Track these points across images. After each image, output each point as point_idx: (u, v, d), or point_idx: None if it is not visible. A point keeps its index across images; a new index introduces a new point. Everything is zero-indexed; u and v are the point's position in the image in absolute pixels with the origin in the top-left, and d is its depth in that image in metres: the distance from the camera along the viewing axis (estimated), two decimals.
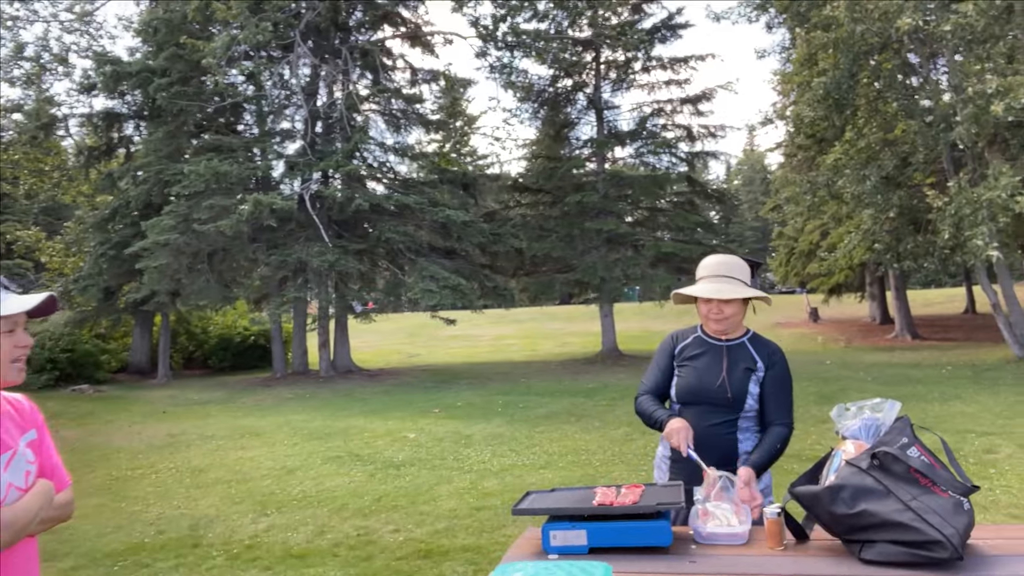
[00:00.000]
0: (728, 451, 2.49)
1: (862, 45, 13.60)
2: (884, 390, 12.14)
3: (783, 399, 2.56)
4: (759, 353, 2.57)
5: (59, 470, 1.69)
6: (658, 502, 2.02)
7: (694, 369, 2.56)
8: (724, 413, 2.51)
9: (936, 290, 44.35)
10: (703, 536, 2.03)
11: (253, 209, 14.78)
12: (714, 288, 2.52)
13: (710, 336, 2.62)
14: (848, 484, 1.86)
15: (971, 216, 11.94)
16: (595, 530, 2.00)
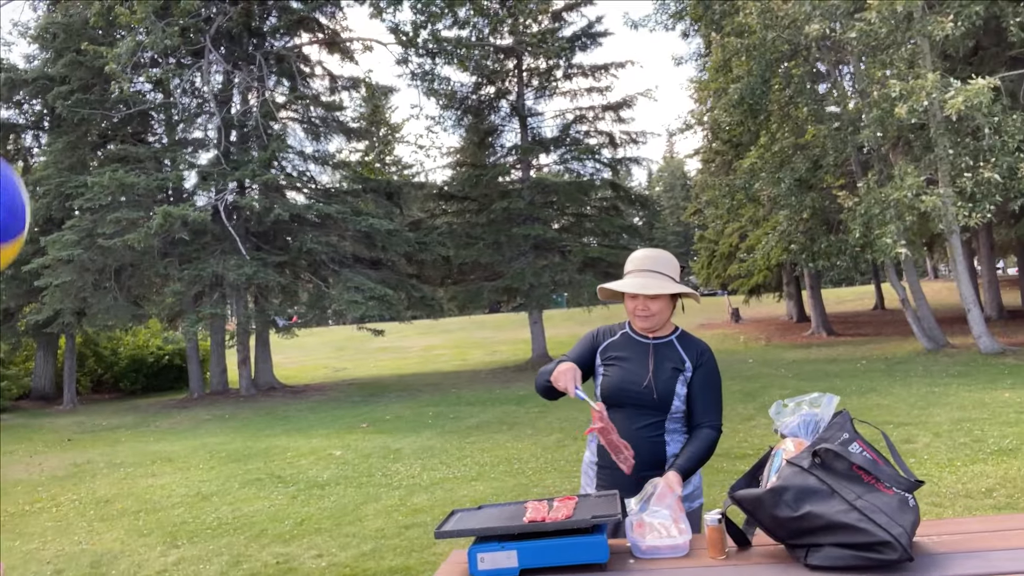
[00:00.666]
0: (656, 455, 2.37)
1: (773, 52, 14.04)
2: (804, 385, 12.49)
3: (711, 400, 2.45)
4: (687, 352, 2.46)
5: None
6: (593, 515, 1.87)
7: (620, 368, 2.43)
8: (651, 415, 2.38)
9: (847, 288, 46.45)
10: (643, 550, 1.88)
11: (163, 221, 14.05)
12: (640, 283, 2.39)
13: (637, 334, 2.49)
14: (791, 485, 1.75)
15: (880, 215, 12.43)
16: (526, 550, 1.83)
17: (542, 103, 21.78)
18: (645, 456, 2.33)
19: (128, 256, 15.18)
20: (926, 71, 12.30)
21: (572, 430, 9.56)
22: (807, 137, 16.25)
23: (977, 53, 14.39)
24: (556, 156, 20.99)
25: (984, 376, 11.57)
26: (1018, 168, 11.53)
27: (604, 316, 27.94)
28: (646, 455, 2.34)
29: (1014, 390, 9.92)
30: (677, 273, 2.45)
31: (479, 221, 20.01)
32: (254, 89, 17.17)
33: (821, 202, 15.23)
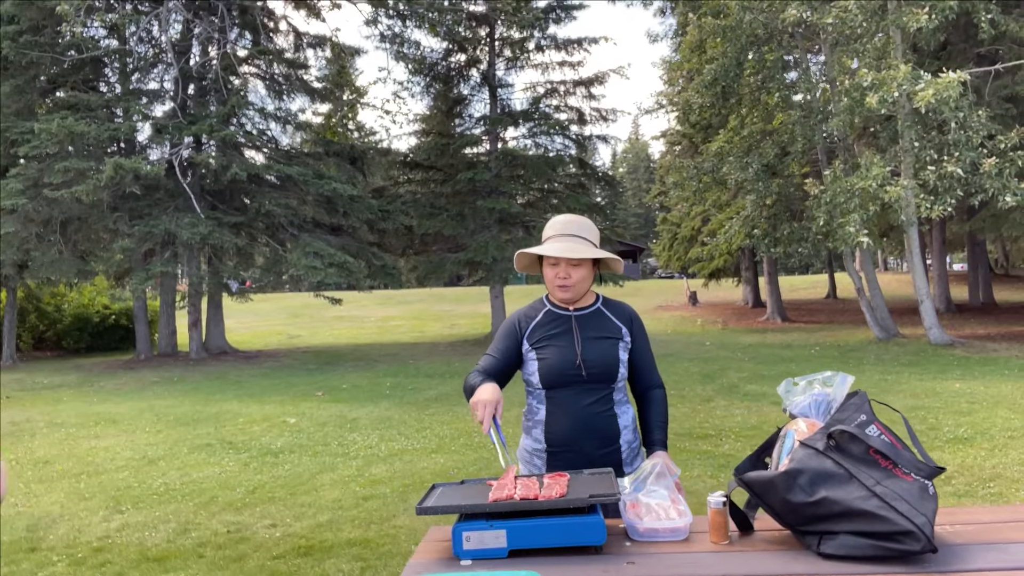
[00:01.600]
0: (609, 431, 2.24)
1: (749, 35, 13.98)
2: (761, 368, 12.64)
3: (651, 360, 2.38)
4: (619, 318, 2.32)
5: None
6: (591, 494, 1.72)
7: (553, 348, 2.24)
8: (596, 390, 2.23)
9: (801, 276, 47.37)
10: (640, 532, 1.75)
11: (114, 174, 13.43)
12: (563, 247, 2.21)
13: (558, 307, 2.32)
14: (806, 468, 1.63)
15: (844, 204, 12.55)
16: (516, 529, 1.68)
17: (513, 74, 21.54)
18: (600, 433, 2.21)
19: (75, 208, 14.51)
20: (897, 62, 12.38)
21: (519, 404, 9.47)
22: (775, 123, 16.31)
23: (946, 48, 14.57)
24: (525, 129, 20.69)
25: (934, 366, 11.85)
26: (980, 164, 11.73)
27: None
28: (601, 432, 2.22)
29: (964, 380, 10.16)
30: (597, 238, 2.31)
31: (444, 191, 19.67)
32: (215, 41, 16.45)
33: (786, 188, 15.34)
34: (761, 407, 8.72)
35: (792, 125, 14.83)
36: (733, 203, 18.12)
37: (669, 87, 24.27)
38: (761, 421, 7.78)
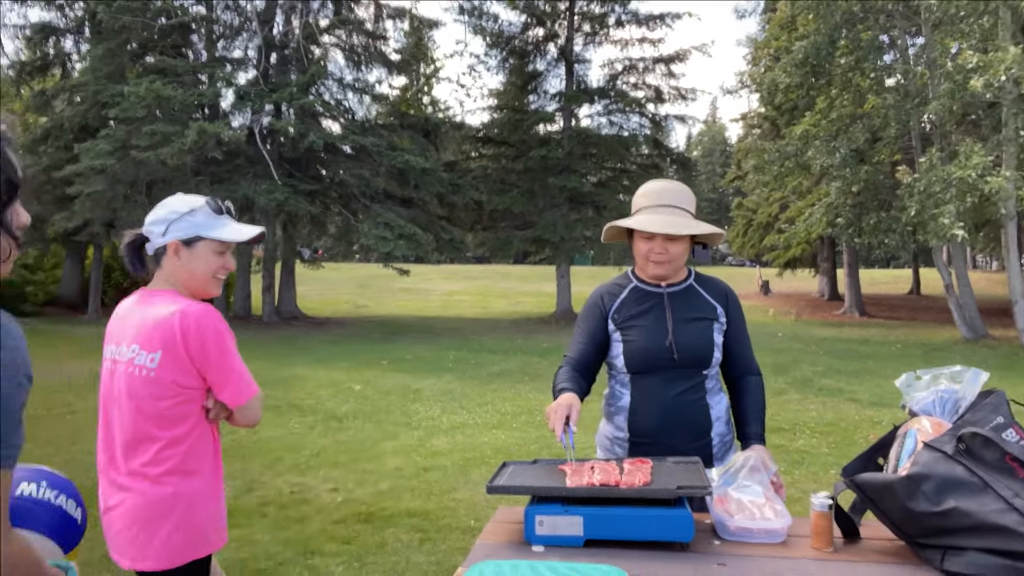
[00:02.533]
0: (701, 422, 2.03)
1: (845, 12, 13.24)
2: (837, 363, 12.11)
3: (748, 343, 2.15)
4: (714, 296, 2.10)
5: None
6: (679, 485, 1.56)
7: (640, 329, 2.03)
8: (687, 376, 2.02)
9: (882, 270, 45.41)
10: (731, 531, 1.58)
11: (198, 138, 13.78)
12: (664, 220, 1.98)
13: (649, 284, 2.11)
14: (932, 474, 1.43)
15: (939, 194, 11.81)
16: (595, 517, 1.54)
17: (590, 50, 20.99)
18: (691, 424, 2.01)
19: (160, 171, 14.98)
20: (1006, 45, 11.51)
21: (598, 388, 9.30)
22: (867, 107, 15.48)
23: None
24: (600, 107, 20.30)
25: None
26: None
27: None
28: (691, 422, 2.02)
29: None
30: (695, 208, 2.08)
31: (515, 168, 19.50)
32: (298, 10, 16.65)
33: (875, 176, 14.54)
34: (837, 403, 8.32)
35: (885, 109, 14.02)
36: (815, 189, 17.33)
37: (753, 66, 23.37)
38: (838, 418, 7.41)
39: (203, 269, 1.81)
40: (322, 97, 17.37)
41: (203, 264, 1.81)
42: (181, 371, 1.72)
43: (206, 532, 1.77)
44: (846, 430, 6.81)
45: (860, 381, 10.10)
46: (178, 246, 1.80)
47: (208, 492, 1.79)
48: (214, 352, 1.73)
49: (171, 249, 1.80)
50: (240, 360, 1.79)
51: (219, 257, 1.83)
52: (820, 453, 5.87)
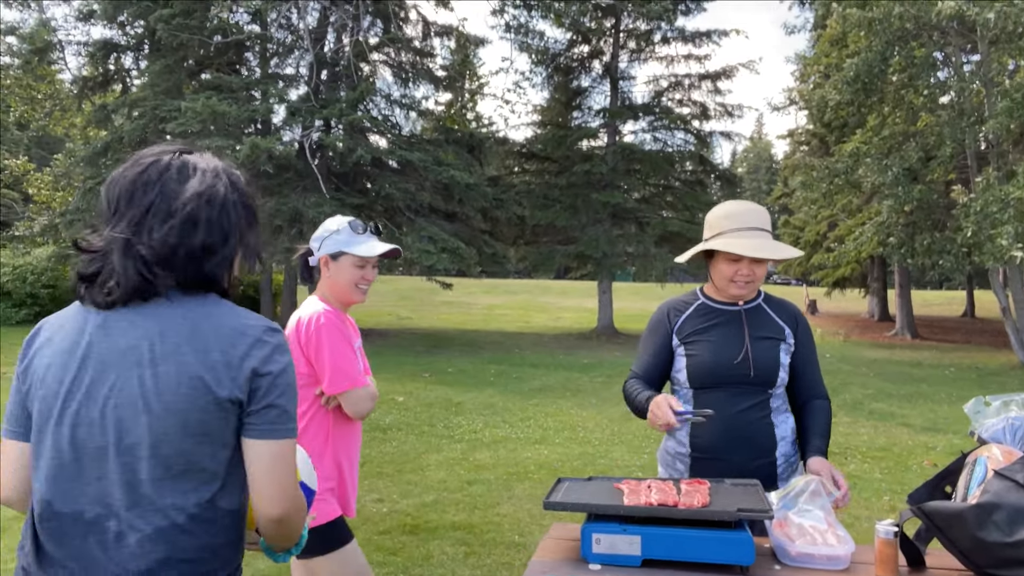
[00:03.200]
0: (765, 440, 2.02)
1: (898, 29, 13.00)
2: (888, 386, 11.80)
3: (816, 366, 2.15)
4: (782, 317, 2.10)
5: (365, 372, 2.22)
6: (739, 507, 1.55)
7: (707, 344, 2.06)
8: (752, 393, 2.02)
9: (934, 292, 44.15)
10: (792, 556, 1.56)
11: (250, 152, 14.14)
12: (753, 245, 1.99)
13: (719, 301, 2.12)
14: (1004, 503, 1.40)
15: (997, 214, 11.46)
16: (653, 537, 1.54)
17: (636, 67, 21.13)
18: (754, 442, 2.01)
19: None
20: None
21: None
22: (920, 125, 15.13)
23: None
24: (644, 123, 20.24)
25: None
26: None
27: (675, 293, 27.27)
28: (755, 440, 2.01)
29: None
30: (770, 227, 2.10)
31: (558, 183, 19.54)
32: (348, 28, 17.01)
33: (929, 195, 14.18)
34: (889, 427, 8.10)
35: (939, 127, 13.69)
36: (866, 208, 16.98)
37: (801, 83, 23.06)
38: (890, 443, 7.22)
39: (345, 279, 2.14)
40: (370, 113, 17.68)
41: (345, 275, 2.14)
42: (297, 360, 2.03)
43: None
44: (899, 455, 6.63)
45: (913, 405, 9.82)
46: (327, 260, 2.17)
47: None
48: (315, 346, 2.04)
49: (322, 262, 2.18)
50: (341, 356, 2.04)
51: (359, 270, 2.15)
52: (873, 479, 5.72)
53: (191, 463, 1.17)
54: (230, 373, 1.18)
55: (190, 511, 1.17)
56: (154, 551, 1.15)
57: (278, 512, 1.21)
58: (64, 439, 1.18)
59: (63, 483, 1.18)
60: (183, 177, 1.29)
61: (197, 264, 1.24)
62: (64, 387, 1.19)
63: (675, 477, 2.06)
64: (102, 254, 1.23)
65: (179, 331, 1.19)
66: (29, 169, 21.21)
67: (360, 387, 2.06)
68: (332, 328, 2.06)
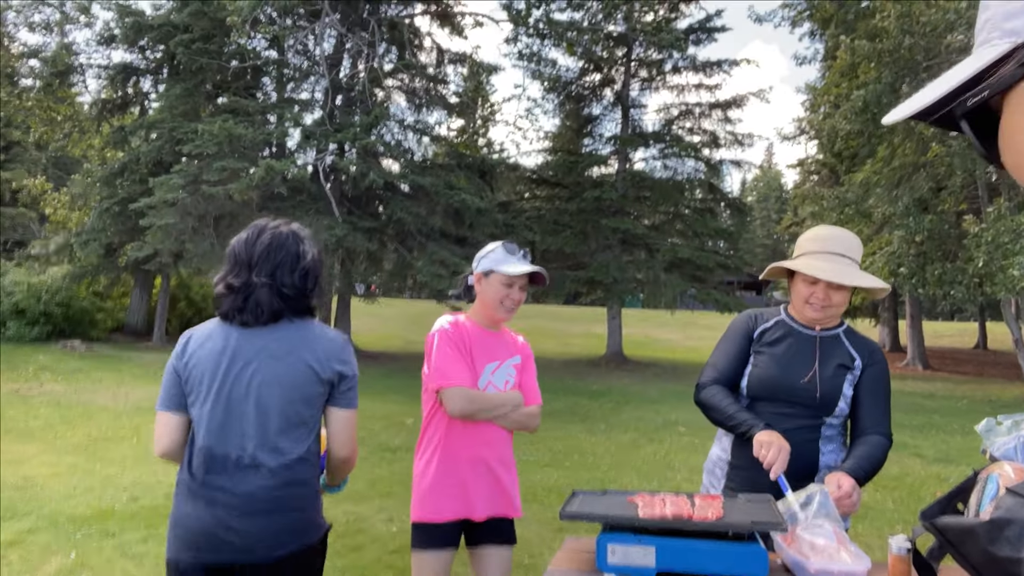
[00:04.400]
0: (807, 462, 2.04)
1: (908, 59, 13.12)
2: (900, 417, 11.68)
3: (883, 404, 2.12)
4: (857, 349, 2.12)
5: (533, 391, 2.37)
6: (753, 520, 1.57)
7: (775, 358, 2.08)
8: (807, 415, 2.05)
9: (946, 323, 43.87)
10: (810, 573, 1.58)
11: (265, 174, 14.33)
12: (829, 268, 2.02)
13: (799, 323, 2.14)
14: (1016, 519, 1.41)
15: (1009, 245, 11.45)
16: (668, 548, 1.56)
17: (647, 95, 21.23)
18: (796, 463, 1.99)
19: (228, 205, 15.58)
20: None
21: (648, 430, 9.20)
22: (930, 155, 15.19)
23: None
24: (655, 151, 20.39)
25: None
26: None
27: (683, 321, 27.19)
28: (797, 461, 1.99)
29: None
30: (860, 258, 2.11)
31: (568, 208, 19.66)
32: (364, 55, 17.31)
33: (940, 226, 14.19)
34: (902, 458, 8.04)
35: (950, 157, 13.74)
36: (876, 238, 16.98)
37: (812, 113, 23.21)
38: (903, 473, 7.17)
39: (492, 296, 2.27)
40: (383, 138, 17.91)
41: (493, 292, 2.27)
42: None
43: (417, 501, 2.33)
44: (911, 486, 6.58)
45: (925, 436, 9.74)
46: (479, 277, 2.32)
47: (422, 469, 2.32)
48: (428, 350, 2.28)
49: (475, 280, 2.33)
50: (447, 357, 2.23)
51: (506, 288, 2.27)
52: (886, 508, 5.68)
53: (302, 419, 1.87)
54: (328, 364, 1.89)
55: (300, 452, 1.86)
56: (276, 478, 1.82)
57: (346, 453, 1.99)
58: (220, 406, 1.84)
59: (218, 434, 1.83)
60: (297, 242, 1.99)
61: (307, 300, 1.95)
62: (220, 373, 1.85)
63: (714, 484, 2.10)
64: (245, 291, 1.91)
65: (295, 339, 1.89)
66: (47, 189, 21.49)
67: (447, 385, 2.19)
68: (444, 335, 2.26)
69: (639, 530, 1.59)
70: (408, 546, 4.21)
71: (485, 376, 2.26)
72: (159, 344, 18.36)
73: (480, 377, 2.25)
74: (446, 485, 2.25)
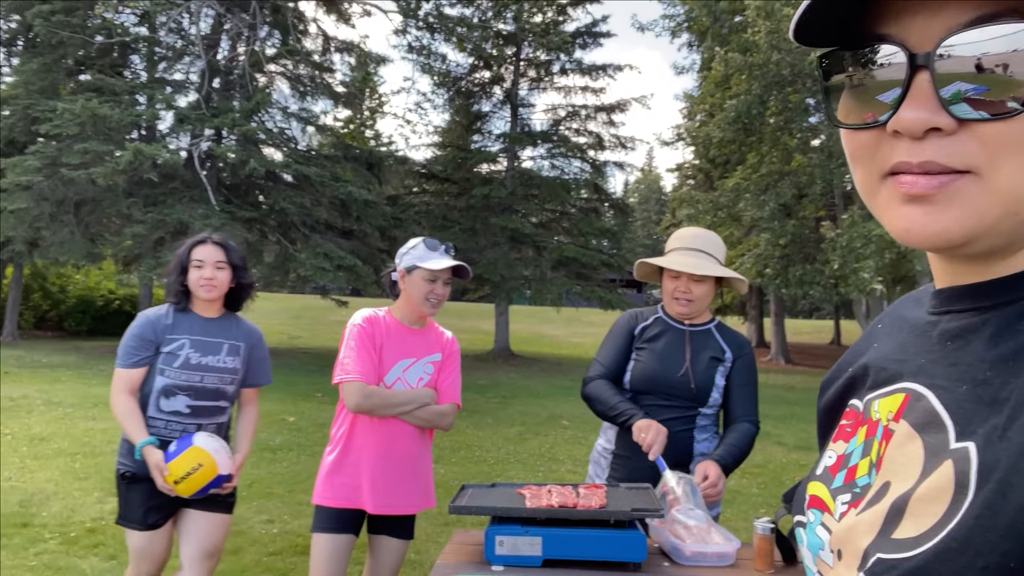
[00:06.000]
0: (682, 450, 2.17)
1: (775, 75, 14.03)
2: (764, 408, 12.38)
3: (751, 394, 2.29)
4: (727, 342, 2.27)
5: (450, 390, 2.39)
6: (633, 508, 1.65)
7: (654, 353, 2.21)
8: (683, 407, 2.18)
9: (805, 320, 47.25)
10: (686, 556, 1.67)
11: (133, 159, 13.43)
12: (688, 262, 2.17)
13: (672, 319, 2.27)
14: None
15: (860, 250, 12.51)
16: (553, 537, 1.61)
17: (535, 95, 21.53)
18: (671, 451, 2.13)
19: (90, 191, 14.50)
20: None
21: (534, 424, 9.37)
22: (794, 164, 16.33)
23: None
24: (543, 150, 20.76)
25: None
26: None
27: (568, 318, 27.86)
28: (671, 449, 2.13)
29: None
30: (724, 256, 2.26)
31: (457, 205, 19.67)
32: (244, 37, 16.56)
33: (801, 230, 15.30)
34: (766, 446, 8.60)
35: (811, 168, 14.84)
36: (746, 240, 18.09)
37: (689, 120, 24.38)
38: (766, 460, 7.67)
39: (416, 292, 2.28)
40: (265, 125, 17.21)
41: (416, 289, 2.28)
42: None
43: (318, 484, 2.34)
44: (775, 471, 7.06)
45: (787, 426, 10.47)
46: (403, 274, 2.33)
47: (326, 456, 2.35)
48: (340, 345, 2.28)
49: (399, 276, 2.34)
50: (350, 352, 2.22)
51: (429, 284, 2.28)
52: (750, 493, 6.07)
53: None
54: None
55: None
56: None
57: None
58: None
59: None
60: None
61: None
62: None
63: (599, 473, 2.19)
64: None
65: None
66: None
67: (346, 380, 2.18)
68: (353, 330, 2.25)
69: (526, 521, 1.64)
70: (289, 548, 4.11)
71: (395, 373, 2.27)
72: (10, 339, 16.84)
73: (388, 373, 2.25)
74: (344, 475, 2.26)
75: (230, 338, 2.59)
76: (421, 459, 2.33)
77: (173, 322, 2.54)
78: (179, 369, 2.49)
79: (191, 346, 2.51)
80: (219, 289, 2.56)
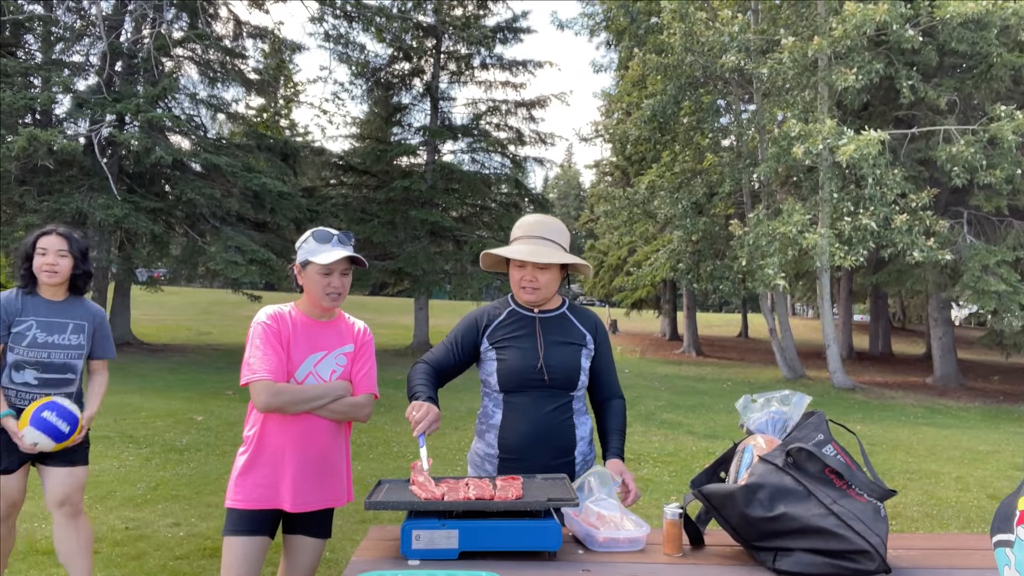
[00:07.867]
0: (566, 441, 2.19)
1: (689, 76, 14.45)
2: (676, 399, 12.93)
3: (614, 370, 2.36)
4: (584, 324, 2.29)
5: (365, 380, 2.29)
6: (548, 498, 1.67)
7: (515, 350, 2.18)
8: (556, 396, 2.18)
9: (716, 314, 49.00)
10: (599, 542, 1.70)
11: (27, 145, 12.60)
12: (530, 250, 2.15)
13: (523, 308, 2.28)
14: (766, 483, 1.63)
15: (765, 247, 13.05)
16: (469, 530, 1.61)
17: (455, 89, 21.45)
18: (556, 443, 2.17)
19: None
20: (823, 117, 13.05)
21: (453, 419, 9.35)
22: (705, 164, 16.89)
23: (868, 108, 15.47)
24: (464, 144, 20.70)
25: (837, 408, 12.40)
26: (892, 219, 12.44)
27: None
28: (557, 441, 2.17)
29: (864, 424, 10.67)
30: (568, 242, 2.27)
31: (376, 198, 19.39)
32: (149, 19, 15.78)
33: (712, 227, 15.85)
34: (677, 435, 8.88)
35: (721, 167, 15.39)
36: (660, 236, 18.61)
37: (607, 118, 24.83)
38: (677, 448, 7.92)
39: (313, 288, 2.20)
40: (171, 111, 16.46)
41: (312, 284, 2.20)
42: None
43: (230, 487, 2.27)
44: (685, 459, 7.29)
45: (697, 415, 10.85)
46: (299, 269, 2.24)
47: (239, 457, 2.26)
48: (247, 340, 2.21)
49: (296, 271, 2.26)
50: (256, 351, 2.15)
51: (324, 277, 2.19)
52: (663, 481, 6.25)
53: None
54: None
55: None
56: None
57: None
58: None
59: None
60: None
61: None
62: None
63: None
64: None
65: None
66: None
67: (253, 381, 2.11)
68: (257, 328, 2.19)
69: (443, 515, 1.63)
70: (197, 551, 3.96)
71: (306, 367, 2.19)
72: None
73: (299, 369, 2.18)
74: (258, 475, 2.19)
75: (75, 318, 2.91)
76: (339, 454, 2.27)
77: (22, 305, 2.83)
78: (27, 347, 2.80)
79: (38, 327, 2.82)
80: (60, 275, 2.84)
